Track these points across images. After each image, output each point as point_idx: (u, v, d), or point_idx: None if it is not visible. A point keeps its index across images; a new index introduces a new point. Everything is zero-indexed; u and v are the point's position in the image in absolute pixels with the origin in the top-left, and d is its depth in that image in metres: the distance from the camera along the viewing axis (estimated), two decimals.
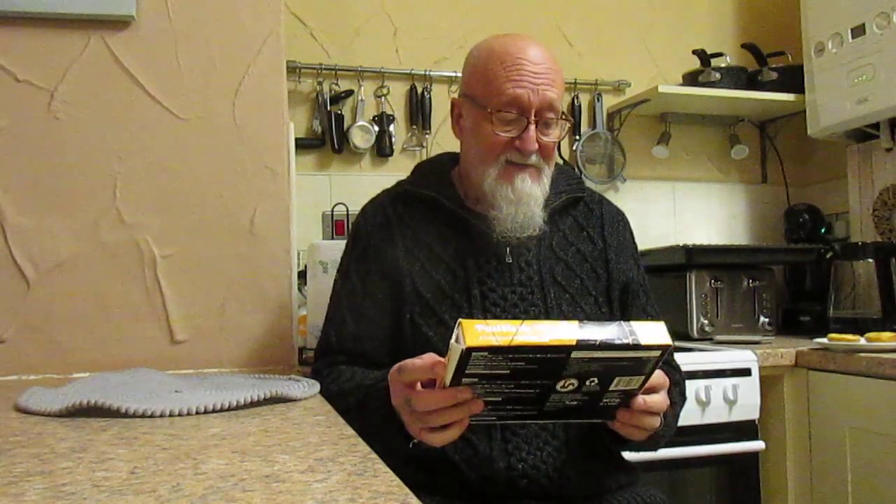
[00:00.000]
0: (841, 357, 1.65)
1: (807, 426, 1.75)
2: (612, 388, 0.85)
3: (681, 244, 2.03)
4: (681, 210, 2.48)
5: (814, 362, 1.72)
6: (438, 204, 1.18)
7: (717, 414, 1.67)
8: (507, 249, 1.15)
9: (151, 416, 0.86)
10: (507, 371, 0.78)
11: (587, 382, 0.83)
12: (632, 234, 1.28)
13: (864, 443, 1.59)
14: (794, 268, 2.34)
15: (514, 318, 1.11)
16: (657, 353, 0.81)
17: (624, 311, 1.19)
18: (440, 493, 1.04)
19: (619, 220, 1.27)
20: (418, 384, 0.87)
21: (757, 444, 1.71)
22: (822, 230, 2.38)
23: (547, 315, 1.12)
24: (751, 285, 2.06)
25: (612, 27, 2.43)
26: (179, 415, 0.87)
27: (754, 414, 1.71)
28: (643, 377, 0.85)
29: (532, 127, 1.10)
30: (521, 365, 0.78)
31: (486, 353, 0.75)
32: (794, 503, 1.77)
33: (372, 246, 1.19)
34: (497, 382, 0.80)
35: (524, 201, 1.11)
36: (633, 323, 0.80)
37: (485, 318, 1.10)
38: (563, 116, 1.16)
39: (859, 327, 1.81)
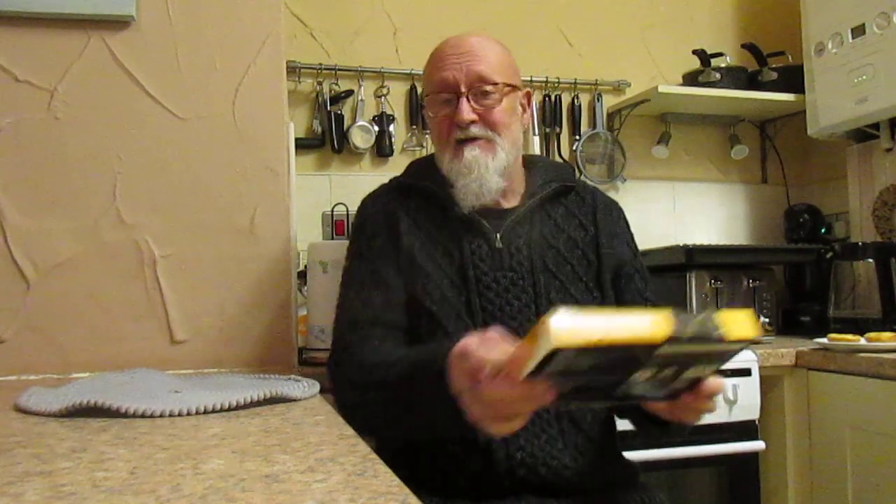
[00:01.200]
0: (841, 357, 1.65)
1: (807, 426, 1.75)
2: (685, 375, 0.82)
3: (681, 244, 2.02)
4: (681, 210, 2.48)
5: (814, 362, 1.72)
6: (432, 194, 1.22)
7: (717, 414, 1.66)
8: (497, 235, 1.18)
9: (151, 416, 0.86)
10: (589, 366, 0.74)
11: (664, 371, 0.79)
12: (626, 222, 1.30)
13: (864, 443, 1.59)
14: (794, 268, 2.34)
15: (507, 302, 1.13)
16: (740, 346, 0.78)
17: (619, 296, 1.20)
18: (440, 493, 1.04)
19: (612, 208, 1.29)
20: (487, 370, 0.80)
21: (757, 444, 1.71)
22: (822, 230, 2.38)
23: (535, 300, 1.14)
24: (751, 285, 2.06)
25: (612, 27, 2.43)
26: (179, 415, 0.87)
27: (754, 414, 1.71)
28: (719, 365, 0.83)
29: (463, 100, 1.17)
30: (604, 360, 0.73)
31: (573, 352, 0.70)
32: (793, 503, 1.77)
33: (380, 224, 1.22)
34: (575, 375, 0.76)
35: (474, 170, 1.17)
36: (719, 314, 0.77)
37: (479, 301, 1.13)
38: (503, 82, 1.18)
39: (859, 327, 1.81)
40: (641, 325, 0.71)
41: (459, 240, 1.18)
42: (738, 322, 0.76)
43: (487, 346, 0.81)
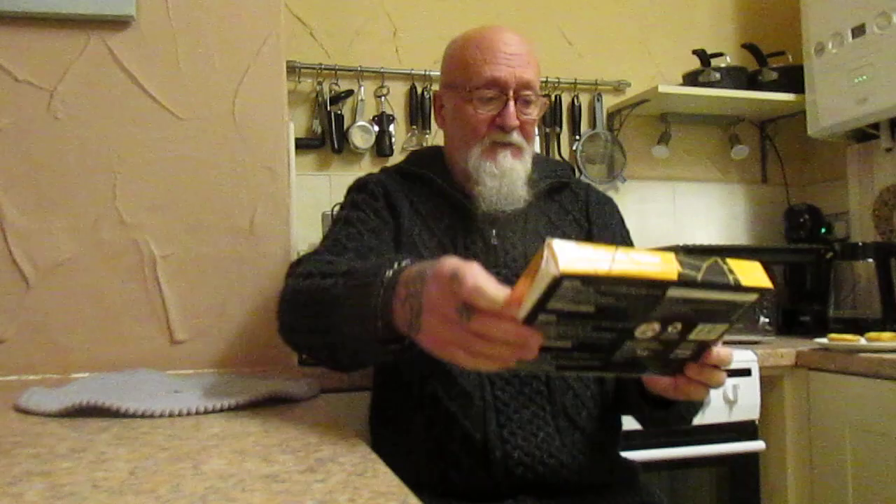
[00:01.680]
0: (841, 357, 1.65)
1: (807, 426, 1.75)
2: (691, 336, 0.75)
3: (681, 244, 2.03)
4: (681, 210, 2.48)
5: (814, 362, 1.72)
6: (432, 182, 1.22)
7: (717, 414, 1.66)
8: (494, 231, 1.18)
9: (151, 417, 0.86)
10: (592, 308, 0.65)
11: (669, 328, 0.72)
12: (621, 218, 1.31)
13: (864, 443, 1.59)
14: (794, 268, 2.34)
15: None
16: (753, 297, 0.71)
17: None
18: (437, 494, 1.04)
19: (606, 204, 1.30)
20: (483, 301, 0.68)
21: (757, 444, 1.71)
22: (822, 230, 2.37)
23: None
24: None
25: (612, 27, 2.43)
26: (179, 415, 0.87)
27: (754, 414, 1.71)
28: (727, 326, 0.75)
29: (511, 103, 1.16)
30: (609, 301, 0.65)
31: (578, 283, 0.62)
32: (793, 503, 1.77)
33: (381, 194, 1.20)
34: (576, 322, 0.67)
35: (507, 175, 1.17)
36: (729, 260, 0.70)
37: None
38: (540, 95, 1.21)
39: (859, 327, 1.81)
40: (651, 261, 0.64)
41: (454, 234, 1.18)
42: (749, 270, 0.70)
43: (482, 274, 0.69)
